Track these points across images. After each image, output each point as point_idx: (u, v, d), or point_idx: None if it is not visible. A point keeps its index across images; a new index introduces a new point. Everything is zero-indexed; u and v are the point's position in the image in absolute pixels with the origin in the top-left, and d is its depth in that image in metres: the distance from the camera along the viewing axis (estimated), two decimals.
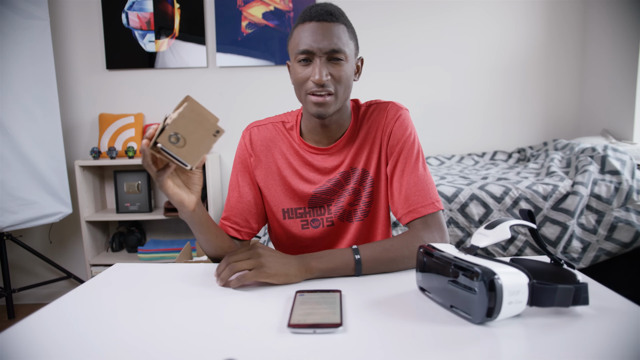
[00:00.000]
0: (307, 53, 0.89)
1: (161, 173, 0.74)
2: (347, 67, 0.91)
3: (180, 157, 0.69)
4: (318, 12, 0.90)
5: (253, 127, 1.06)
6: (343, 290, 0.74)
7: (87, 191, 2.45)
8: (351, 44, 0.93)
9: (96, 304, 0.73)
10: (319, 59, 0.89)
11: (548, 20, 2.64)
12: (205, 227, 0.89)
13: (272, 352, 0.56)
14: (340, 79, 0.91)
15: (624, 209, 1.75)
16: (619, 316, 0.63)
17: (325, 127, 0.99)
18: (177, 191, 0.78)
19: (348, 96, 0.97)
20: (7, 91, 2.06)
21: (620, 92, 2.41)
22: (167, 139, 0.67)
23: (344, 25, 0.92)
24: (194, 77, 2.63)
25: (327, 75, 0.89)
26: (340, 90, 0.92)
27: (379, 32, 2.61)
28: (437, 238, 0.92)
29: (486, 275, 0.58)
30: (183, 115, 0.67)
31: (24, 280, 2.59)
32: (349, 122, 1.02)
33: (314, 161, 1.02)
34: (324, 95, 0.90)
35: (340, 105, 0.94)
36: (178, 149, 0.68)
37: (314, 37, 0.88)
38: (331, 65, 0.90)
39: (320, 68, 0.89)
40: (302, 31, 0.90)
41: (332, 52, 0.89)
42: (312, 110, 0.92)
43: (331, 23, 0.89)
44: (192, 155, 0.69)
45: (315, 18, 0.89)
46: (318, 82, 0.88)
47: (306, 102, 0.93)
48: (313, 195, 1.02)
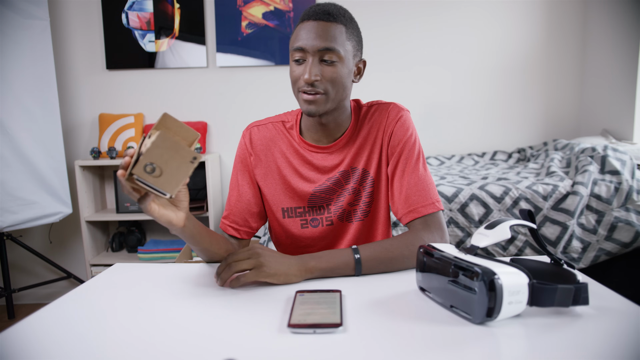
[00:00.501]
0: (301, 51, 0.90)
1: (143, 199, 0.71)
2: (341, 68, 0.91)
3: (158, 186, 0.65)
4: (317, 11, 0.91)
5: (253, 126, 1.07)
6: (343, 290, 0.74)
7: (87, 191, 2.45)
8: (348, 44, 0.92)
9: (96, 304, 0.73)
10: (311, 58, 0.90)
11: (548, 20, 2.64)
12: (198, 238, 0.87)
13: (272, 352, 0.56)
14: (333, 80, 0.91)
15: (624, 209, 1.75)
16: (619, 316, 0.63)
17: (323, 126, 0.99)
18: (164, 212, 0.75)
19: (343, 97, 0.96)
20: (7, 91, 2.06)
21: (620, 92, 2.41)
22: (142, 169, 0.64)
23: (343, 25, 0.92)
24: (194, 77, 2.63)
25: (317, 76, 0.89)
26: (332, 91, 0.92)
27: (379, 32, 2.61)
28: (437, 238, 0.92)
29: (486, 275, 0.58)
30: (157, 145, 0.64)
31: (24, 280, 2.59)
32: (348, 122, 1.02)
33: (314, 160, 1.02)
34: (313, 94, 0.91)
35: (333, 105, 0.94)
36: (155, 178, 0.65)
37: (309, 35, 0.89)
38: (324, 66, 0.90)
39: (311, 67, 0.89)
40: (300, 29, 0.91)
41: (325, 51, 0.89)
42: (303, 107, 0.94)
43: (328, 22, 0.90)
44: (170, 183, 0.65)
45: (313, 17, 0.90)
46: (307, 82, 0.89)
47: (299, 100, 0.94)
48: (312, 194, 1.02)
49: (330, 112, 0.96)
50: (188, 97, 2.64)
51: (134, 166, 0.65)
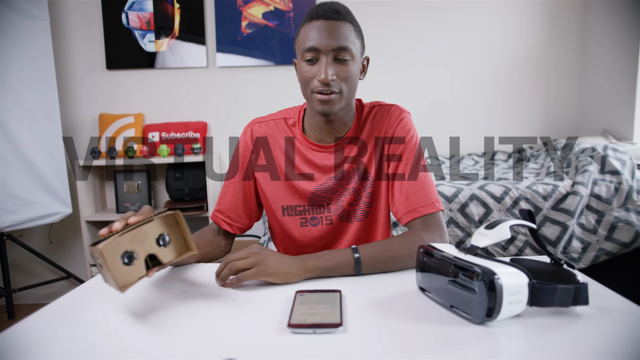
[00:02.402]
0: (314, 50, 0.89)
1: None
2: (353, 67, 0.92)
3: (105, 278, 0.66)
4: (325, 10, 0.90)
5: (254, 123, 1.07)
6: (343, 290, 0.74)
7: (87, 191, 2.45)
8: (357, 42, 0.93)
9: (96, 304, 0.73)
10: (325, 58, 0.89)
11: (548, 20, 2.64)
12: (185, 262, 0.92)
13: (272, 352, 0.56)
14: (347, 78, 0.91)
15: (624, 209, 1.75)
16: (619, 316, 0.63)
17: (330, 124, 0.99)
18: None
19: (354, 95, 0.97)
20: (7, 91, 2.06)
21: (620, 92, 2.41)
22: (118, 255, 0.65)
23: (351, 24, 0.92)
24: (194, 77, 2.63)
25: (333, 75, 0.89)
26: (346, 89, 0.92)
27: (380, 32, 2.61)
28: (436, 238, 0.92)
29: (486, 275, 0.58)
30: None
31: (24, 280, 2.59)
32: (352, 120, 1.02)
33: (315, 159, 1.02)
34: (329, 93, 0.90)
35: (346, 103, 0.95)
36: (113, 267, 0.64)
37: (321, 34, 0.89)
38: (337, 65, 0.90)
39: (327, 67, 0.89)
40: (310, 29, 0.90)
41: (339, 50, 0.89)
42: (318, 108, 0.93)
43: (338, 21, 0.90)
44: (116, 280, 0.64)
45: (322, 16, 0.90)
46: (324, 82, 0.89)
47: (312, 100, 0.94)
48: (313, 193, 1.02)
49: (339, 111, 0.96)
50: (188, 97, 2.64)
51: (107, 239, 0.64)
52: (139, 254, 0.67)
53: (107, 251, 0.63)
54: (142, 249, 0.67)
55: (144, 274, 0.67)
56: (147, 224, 0.68)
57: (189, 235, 0.71)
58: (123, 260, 0.65)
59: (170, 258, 0.70)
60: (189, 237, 0.71)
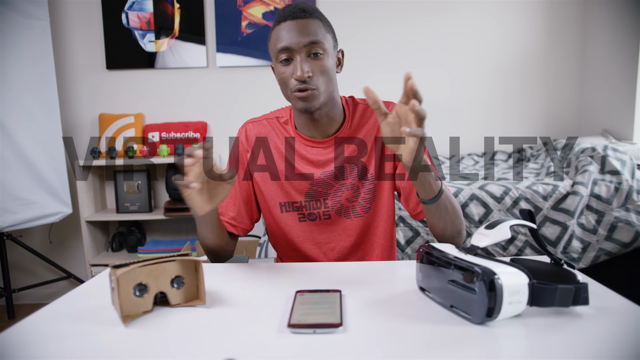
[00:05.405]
0: (287, 50, 0.91)
1: (192, 189, 0.77)
2: (327, 60, 0.93)
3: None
4: (292, 10, 0.92)
5: (248, 123, 1.09)
6: (343, 290, 0.74)
7: (87, 191, 2.45)
8: (328, 36, 0.95)
9: (96, 304, 0.73)
10: (299, 55, 0.90)
11: (548, 20, 2.64)
12: (210, 228, 0.95)
13: (272, 352, 0.56)
14: (323, 72, 0.92)
15: (624, 209, 1.75)
16: (619, 316, 0.63)
17: (315, 122, 1.00)
18: (193, 197, 0.80)
19: (333, 89, 0.98)
20: (7, 91, 2.06)
21: (620, 92, 2.41)
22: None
23: (319, 19, 0.94)
24: (194, 77, 2.63)
25: (309, 72, 0.90)
26: (323, 84, 0.93)
27: (379, 32, 2.61)
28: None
29: (486, 275, 0.58)
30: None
31: (24, 280, 2.59)
32: (342, 117, 1.03)
33: (309, 154, 1.03)
34: (307, 90, 0.91)
35: (326, 98, 0.95)
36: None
37: (291, 34, 0.90)
38: (312, 61, 0.91)
39: (301, 64, 0.90)
40: (279, 30, 0.92)
41: (311, 45, 0.90)
42: (299, 105, 0.94)
43: (306, 19, 0.91)
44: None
45: (290, 16, 0.91)
46: (300, 79, 0.90)
47: (293, 99, 0.95)
48: (309, 188, 1.03)
49: (322, 107, 0.96)
50: (188, 97, 2.64)
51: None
52: (150, 289, 0.68)
53: (124, 279, 0.65)
54: (156, 285, 0.69)
55: (149, 310, 0.69)
56: (168, 263, 0.70)
57: (202, 286, 0.71)
58: (135, 292, 0.67)
59: (178, 301, 0.71)
60: (202, 288, 0.72)
